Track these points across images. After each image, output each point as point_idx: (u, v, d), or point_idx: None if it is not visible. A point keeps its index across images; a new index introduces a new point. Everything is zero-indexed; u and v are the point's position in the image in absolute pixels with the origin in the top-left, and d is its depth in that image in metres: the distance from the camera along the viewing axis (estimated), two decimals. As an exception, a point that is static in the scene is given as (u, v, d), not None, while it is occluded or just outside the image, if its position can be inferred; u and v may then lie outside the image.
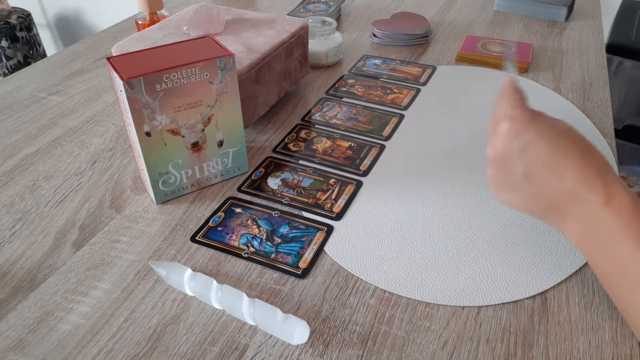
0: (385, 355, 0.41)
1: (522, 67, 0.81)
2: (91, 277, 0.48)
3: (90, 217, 0.55)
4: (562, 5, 0.99)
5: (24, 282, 0.48)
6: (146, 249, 0.51)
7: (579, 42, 0.91)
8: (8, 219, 0.55)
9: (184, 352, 0.41)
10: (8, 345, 0.42)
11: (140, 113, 0.49)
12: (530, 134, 0.41)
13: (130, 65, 0.49)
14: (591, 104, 0.73)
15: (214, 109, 0.53)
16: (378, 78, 0.79)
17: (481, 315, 0.44)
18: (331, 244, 0.51)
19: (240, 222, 0.53)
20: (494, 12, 1.05)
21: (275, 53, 0.65)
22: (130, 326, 0.43)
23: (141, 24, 0.81)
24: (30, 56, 2.31)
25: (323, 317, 0.44)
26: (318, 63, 0.83)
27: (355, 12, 1.05)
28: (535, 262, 0.48)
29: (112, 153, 0.65)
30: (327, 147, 0.64)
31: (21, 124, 0.71)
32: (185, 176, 0.56)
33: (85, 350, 0.41)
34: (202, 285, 0.44)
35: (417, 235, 0.51)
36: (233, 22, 0.70)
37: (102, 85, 0.80)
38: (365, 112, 0.71)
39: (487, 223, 0.53)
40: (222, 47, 0.52)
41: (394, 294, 0.46)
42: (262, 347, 0.41)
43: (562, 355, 0.41)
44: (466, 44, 0.88)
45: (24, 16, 2.26)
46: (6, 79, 0.82)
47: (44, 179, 0.60)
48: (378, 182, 0.58)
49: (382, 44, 0.91)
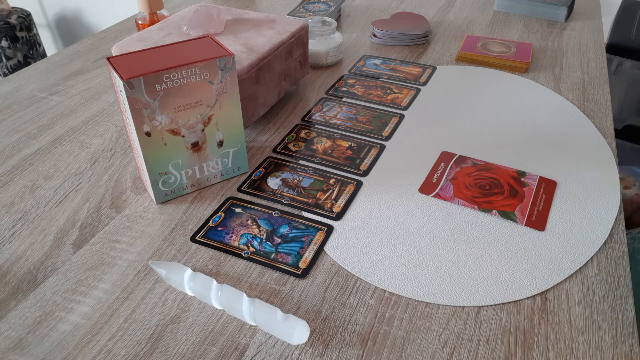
0: (385, 355, 0.41)
1: (522, 67, 0.81)
2: (91, 277, 0.48)
3: (90, 217, 0.55)
4: (562, 5, 0.99)
5: (24, 282, 0.48)
6: (146, 249, 0.51)
7: (579, 42, 0.91)
8: (8, 219, 0.55)
9: (184, 352, 0.41)
10: (8, 345, 0.42)
11: (140, 113, 0.49)
12: None
13: (130, 65, 0.49)
14: (591, 104, 0.73)
15: (214, 109, 0.53)
16: (378, 78, 0.79)
17: (481, 315, 0.44)
18: (331, 244, 0.51)
19: (240, 222, 0.53)
20: (494, 12, 1.05)
21: (275, 53, 0.65)
22: (130, 326, 0.43)
23: (141, 24, 0.81)
24: (30, 56, 2.31)
25: (323, 317, 0.44)
26: (318, 63, 0.83)
27: (355, 12, 1.05)
28: (535, 262, 0.48)
29: (112, 153, 0.65)
30: (327, 147, 0.64)
31: (21, 124, 0.71)
32: (185, 176, 0.56)
33: (85, 350, 0.41)
34: (202, 285, 0.44)
35: (417, 235, 0.51)
36: (233, 22, 0.70)
37: (102, 85, 0.80)
38: (365, 112, 0.71)
39: (487, 223, 0.53)
40: (222, 47, 0.52)
41: (394, 294, 0.46)
42: (262, 347, 0.41)
43: (562, 355, 0.41)
44: (466, 44, 0.88)
45: (24, 16, 2.26)
46: (6, 79, 0.82)
47: (44, 179, 0.60)
48: (378, 182, 0.58)
49: (382, 44, 0.91)
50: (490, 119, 0.69)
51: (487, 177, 0.59)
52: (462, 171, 0.60)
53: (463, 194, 0.56)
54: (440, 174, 0.59)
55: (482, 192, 0.57)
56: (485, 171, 0.60)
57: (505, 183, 0.58)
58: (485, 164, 0.61)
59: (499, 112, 0.71)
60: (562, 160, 0.62)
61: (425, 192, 0.57)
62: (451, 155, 0.62)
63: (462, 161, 0.61)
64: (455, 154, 0.63)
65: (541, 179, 0.58)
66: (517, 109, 0.72)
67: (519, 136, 0.66)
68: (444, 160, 0.61)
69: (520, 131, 0.67)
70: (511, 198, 0.56)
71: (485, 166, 0.60)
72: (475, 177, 0.59)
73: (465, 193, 0.57)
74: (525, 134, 0.66)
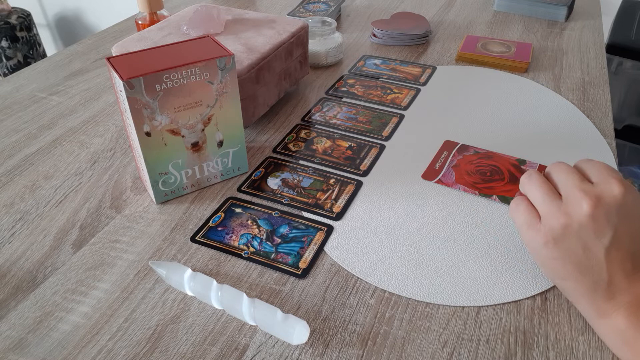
0: (385, 355, 0.41)
1: (522, 67, 0.81)
2: (91, 277, 0.48)
3: (90, 217, 0.55)
4: (562, 5, 0.99)
5: (24, 282, 0.48)
6: (146, 249, 0.51)
7: (579, 42, 0.91)
8: (8, 219, 0.55)
9: (184, 352, 0.41)
10: (8, 345, 0.42)
11: (140, 113, 0.49)
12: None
13: (130, 65, 0.49)
14: (591, 104, 0.73)
15: (214, 109, 0.53)
16: (378, 78, 0.79)
17: (481, 315, 0.44)
18: (331, 244, 0.51)
19: (240, 222, 0.53)
20: (494, 12, 1.05)
21: (275, 53, 0.65)
22: (130, 326, 0.43)
23: (141, 24, 0.81)
24: (30, 56, 2.31)
25: (323, 317, 0.44)
26: (318, 63, 0.83)
27: (355, 12, 1.05)
28: (535, 262, 0.48)
29: (112, 153, 0.65)
30: (327, 147, 0.64)
31: (21, 124, 0.71)
32: (185, 176, 0.56)
33: (85, 350, 0.41)
34: (202, 285, 0.44)
35: (417, 235, 0.51)
36: (233, 22, 0.70)
37: (102, 85, 0.80)
38: (365, 112, 0.71)
39: (487, 223, 0.53)
40: (222, 47, 0.52)
41: (394, 294, 0.46)
42: (262, 347, 0.41)
43: (562, 355, 0.41)
44: (466, 44, 0.88)
45: (24, 16, 2.26)
46: (6, 79, 0.82)
47: (44, 179, 0.60)
48: (378, 182, 0.58)
49: (382, 44, 0.91)
50: (490, 119, 0.69)
51: (488, 164, 0.60)
52: (464, 159, 0.61)
53: (464, 180, 0.58)
54: (442, 162, 0.61)
55: (483, 178, 0.58)
56: (487, 159, 0.61)
57: (506, 170, 0.59)
58: (487, 152, 0.63)
59: (499, 112, 0.71)
60: (562, 160, 0.61)
61: (428, 179, 0.58)
62: (454, 144, 0.64)
63: (464, 149, 0.63)
64: (458, 142, 0.64)
65: (541, 167, 0.60)
66: (517, 108, 0.72)
67: (518, 136, 0.66)
68: (447, 149, 0.63)
69: (520, 131, 0.67)
70: (511, 184, 0.57)
71: (486, 154, 0.62)
72: (477, 165, 0.60)
73: (466, 179, 0.58)
74: (525, 134, 0.66)
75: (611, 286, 0.40)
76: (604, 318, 0.40)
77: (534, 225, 0.42)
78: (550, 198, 0.42)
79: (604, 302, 0.40)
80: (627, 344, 0.39)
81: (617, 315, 0.39)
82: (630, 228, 0.40)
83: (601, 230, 0.39)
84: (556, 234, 0.41)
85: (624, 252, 0.39)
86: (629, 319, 0.39)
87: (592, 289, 0.40)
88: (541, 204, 0.42)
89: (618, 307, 0.39)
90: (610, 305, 0.40)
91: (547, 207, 0.42)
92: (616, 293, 0.40)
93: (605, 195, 0.39)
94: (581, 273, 0.40)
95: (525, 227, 0.43)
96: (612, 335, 0.40)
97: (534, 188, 0.43)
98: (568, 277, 0.41)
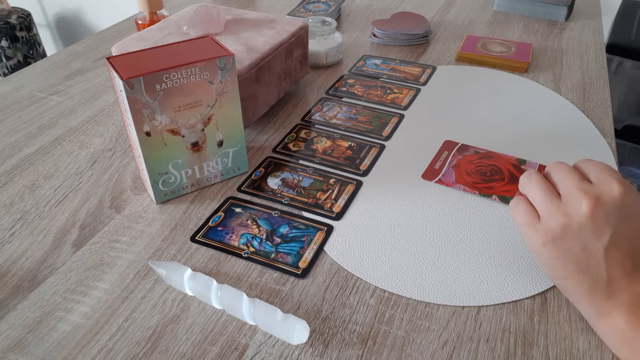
0: (385, 355, 0.41)
1: (522, 67, 0.81)
2: (91, 277, 0.48)
3: (90, 217, 0.55)
4: (562, 5, 0.99)
5: (24, 282, 0.48)
6: (146, 249, 0.51)
7: (579, 42, 0.91)
8: (8, 219, 0.55)
9: (184, 352, 0.41)
10: (8, 345, 0.42)
11: (140, 113, 0.49)
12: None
13: (130, 65, 0.49)
14: (591, 104, 0.73)
15: (214, 109, 0.53)
16: (378, 78, 0.79)
17: (481, 315, 0.44)
18: (331, 244, 0.51)
19: (240, 222, 0.53)
20: (494, 12, 1.05)
21: (275, 53, 0.65)
22: (130, 326, 0.43)
23: (141, 24, 0.81)
24: (30, 56, 2.31)
25: (323, 317, 0.44)
26: (318, 63, 0.83)
27: (355, 12, 1.05)
28: (535, 262, 0.48)
29: (112, 153, 0.65)
30: (327, 147, 0.64)
31: (21, 124, 0.71)
32: (185, 176, 0.56)
33: (85, 350, 0.41)
34: (202, 285, 0.44)
35: (417, 235, 0.51)
36: (233, 22, 0.70)
37: (102, 85, 0.80)
38: (365, 112, 0.71)
39: (487, 223, 0.53)
40: (222, 47, 0.52)
41: (394, 294, 0.46)
42: (262, 347, 0.41)
43: (562, 355, 0.41)
44: (466, 43, 0.88)
45: (24, 16, 2.26)
46: (6, 79, 0.82)
47: (44, 179, 0.60)
48: (378, 182, 0.58)
49: (382, 44, 0.91)
50: (490, 119, 0.69)
51: (488, 164, 0.60)
52: (464, 159, 0.61)
53: (464, 179, 0.58)
54: (442, 161, 0.61)
55: (483, 178, 0.58)
56: (487, 159, 0.61)
57: (506, 170, 0.59)
58: (487, 152, 0.63)
59: (499, 112, 0.71)
60: (562, 160, 0.62)
61: (428, 178, 0.58)
62: (454, 144, 0.64)
63: (464, 149, 0.63)
64: (458, 142, 0.64)
65: (541, 167, 0.60)
66: (517, 108, 0.72)
67: (518, 136, 0.66)
68: (447, 149, 0.63)
69: (520, 131, 0.67)
70: (511, 184, 0.57)
71: (486, 154, 0.62)
72: (477, 165, 0.60)
73: (466, 179, 0.58)
74: (525, 134, 0.66)
75: (610, 285, 0.40)
76: (604, 317, 0.40)
77: (533, 225, 0.42)
78: (550, 198, 0.42)
79: (603, 302, 0.40)
80: (627, 343, 0.39)
81: (617, 315, 0.39)
82: (629, 228, 0.40)
83: (600, 230, 0.39)
84: (555, 234, 0.41)
85: (623, 252, 0.39)
86: (628, 318, 0.39)
87: (591, 289, 0.40)
88: (541, 204, 0.42)
89: (617, 306, 0.39)
90: (610, 305, 0.40)
91: (547, 207, 0.42)
92: (615, 292, 0.40)
93: (605, 195, 0.39)
94: (581, 273, 0.40)
95: (526, 227, 0.43)
96: (611, 334, 0.40)
97: (533, 188, 0.43)
98: (568, 276, 0.41)
